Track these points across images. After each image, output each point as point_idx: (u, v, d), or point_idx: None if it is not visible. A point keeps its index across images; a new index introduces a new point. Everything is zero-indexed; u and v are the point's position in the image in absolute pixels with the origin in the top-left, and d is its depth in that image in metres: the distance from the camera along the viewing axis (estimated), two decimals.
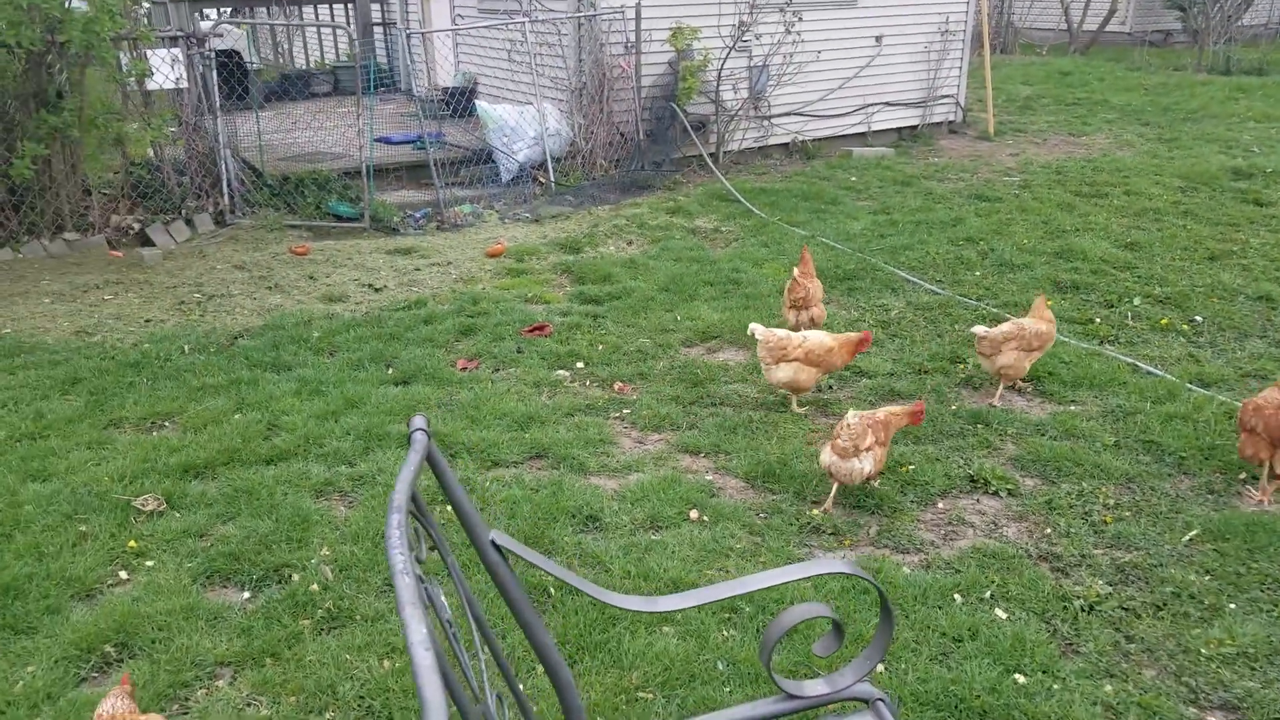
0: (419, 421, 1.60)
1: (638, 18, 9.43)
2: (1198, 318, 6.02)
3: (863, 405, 5.04)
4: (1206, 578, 3.59)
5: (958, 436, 4.69)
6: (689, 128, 9.71)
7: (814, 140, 11.11)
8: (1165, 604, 3.46)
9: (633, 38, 9.49)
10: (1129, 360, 5.41)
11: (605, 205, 8.97)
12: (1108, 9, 20.34)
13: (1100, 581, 3.59)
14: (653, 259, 7.39)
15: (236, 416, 4.91)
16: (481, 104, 9.65)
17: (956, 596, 3.49)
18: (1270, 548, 3.72)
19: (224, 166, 8.19)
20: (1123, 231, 7.69)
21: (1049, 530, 3.94)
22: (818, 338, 4.87)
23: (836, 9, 10.84)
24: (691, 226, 8.33)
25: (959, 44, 11.85)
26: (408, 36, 10.15)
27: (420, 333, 6.00)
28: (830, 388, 5.28)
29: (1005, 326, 4.97)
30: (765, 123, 10.76)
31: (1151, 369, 5.31)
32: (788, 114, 10.87)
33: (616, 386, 5.28)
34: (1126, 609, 3.45)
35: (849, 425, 3.97)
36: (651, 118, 9.86)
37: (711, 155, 10.20)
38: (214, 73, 8.17)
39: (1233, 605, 3.43)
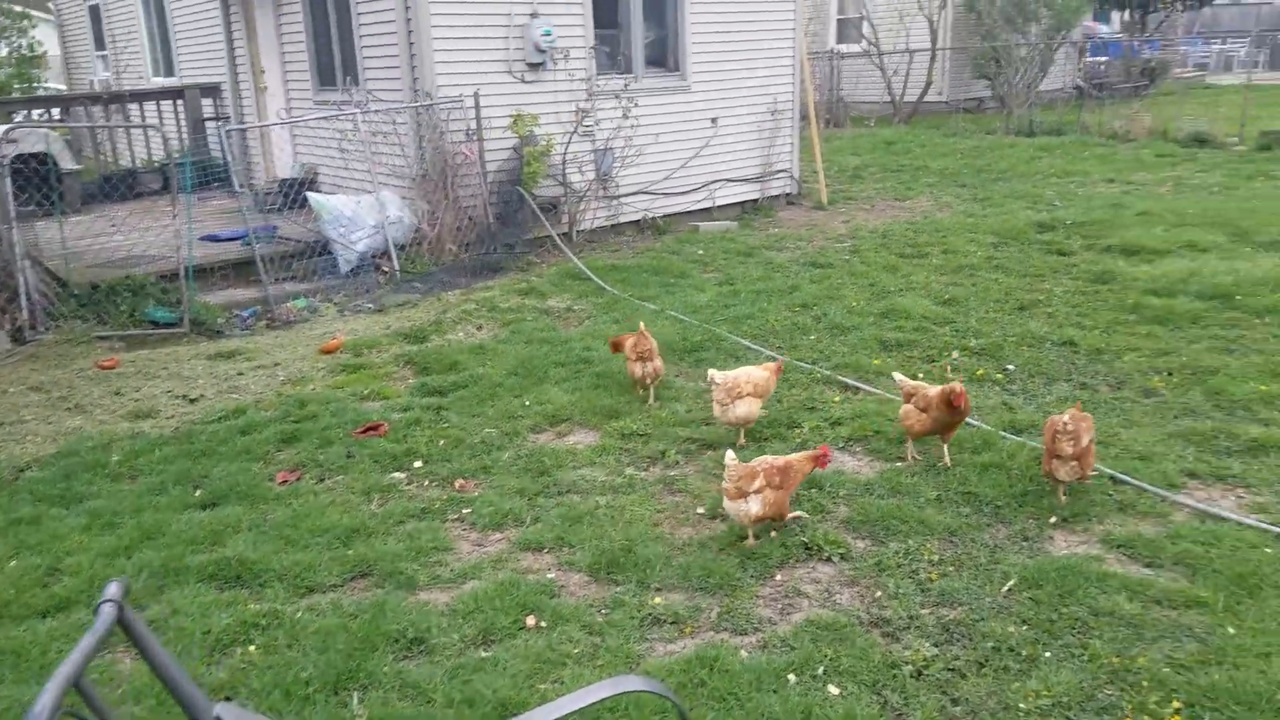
0: (113, 590, 1.43)
1: (476, 106, 9.57)
2: (1010, 366, 6.43)
3: (707, 478, 5.13)
4: (1024, 628, 3.77)
5: (793, 503, 4.82)
6: (538, 210, 9.84)
7: (663, 217, 11.45)
8: (987, 660, 3.61)
9: (474, 125, 9.61)
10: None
11: (455, 290, 8.94)
12: (925, 82, 21.92)
13: (927, 644, 3.71)
14: (503, 343, 7.38)
15: (12, 564, 4.51)
16: (313, 195, 9.52)
17: (791, 677, 3.54)
18: (1079, 590, 3.94)
19: (22, 279, 7.69)
20: (941, 289, 8.19)
21: (879, 593, 4.07)
22: (758, 372, 5.45)
23: (671, 94, 11.31)
24: (544, 307, 8.39)
25: (789, 121, 12.52)
26: (228, 132, 9.94)
27: (236, 445, 5.72)
28: (678, 463, 5.35)
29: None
30: (615, 202, 11.03)
31: (970, 421, 5.61)
32: (636, 193, 11.19)
33: (457, 484, 5.19)
34: (952, 669, 3.57)
35: (727, 466, 4.33)
36: (499, 201, 9.95)
37: (564, 235, 10.35)
38: (6, 180, 7.75)
39: (1048, 654, 3.61)
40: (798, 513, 4.63)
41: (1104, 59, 24.45)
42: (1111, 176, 13.13)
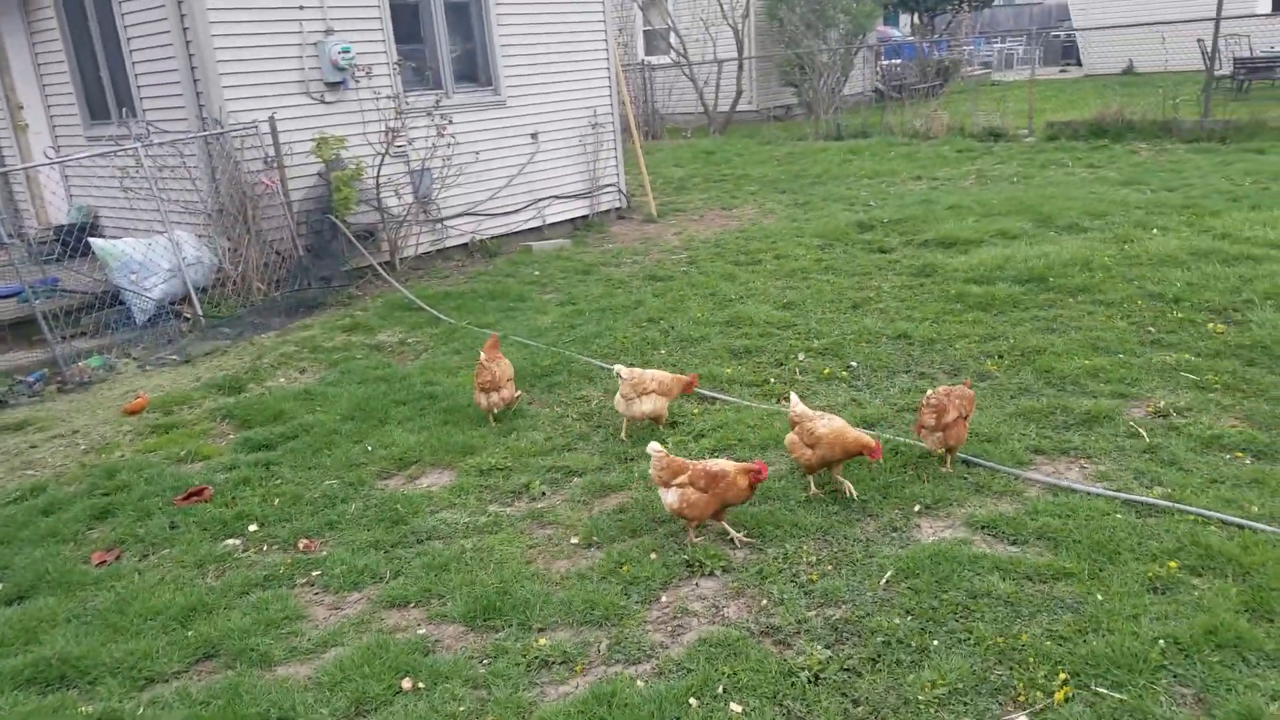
0: None
1: (274, 131, 8.98)
2: (853, 363, 6.58)
3: (576, 506, 4.92)
4: (909, 619, 3.78)
5: (670, 521, 4.68)
6: (354, 239, 9.33)
7: (493, 238, 11.15)
8: (879, 655, 3.59)
9: (272, 152, 9.00)
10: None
11: (270, 332, 8.31)
12: (735, 91, 22.66)
13: (819, 646, 3.66)
14: (332, 385, 6.89)
15: None
16: (97, 241, 8.64)
17: (692, 701, 3.39)
18: (954, 575, 4.00)
19: None
20: (779, 293, 8.34)
21: (765, 601, 3.99)
22: (664, 373, 5.73)
23: (486, 110, 11.05)
24: (374, 343, 7.92)
25: (610, 134, 12.53)
26: None
27: (39, 527, 5.05)
28: (544, 494, 5.10)
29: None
30: (438, 225, 10.64)
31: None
32: (460, 215, 10.84)
33: (301, 544, 4.74)
34: (847, 669, 3.53)
35: (653, 455, 4.47)
36: (310, 232, 9.37)
37: (386, 264, 9.87)
38: None
39: (935, 642, 3.63)
40: (735, 533, 4.46)
41: (899, 61, 26.09)
42: (919, 174, 13.91)
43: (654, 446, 4.54)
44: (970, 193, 11.97)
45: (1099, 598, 3.76)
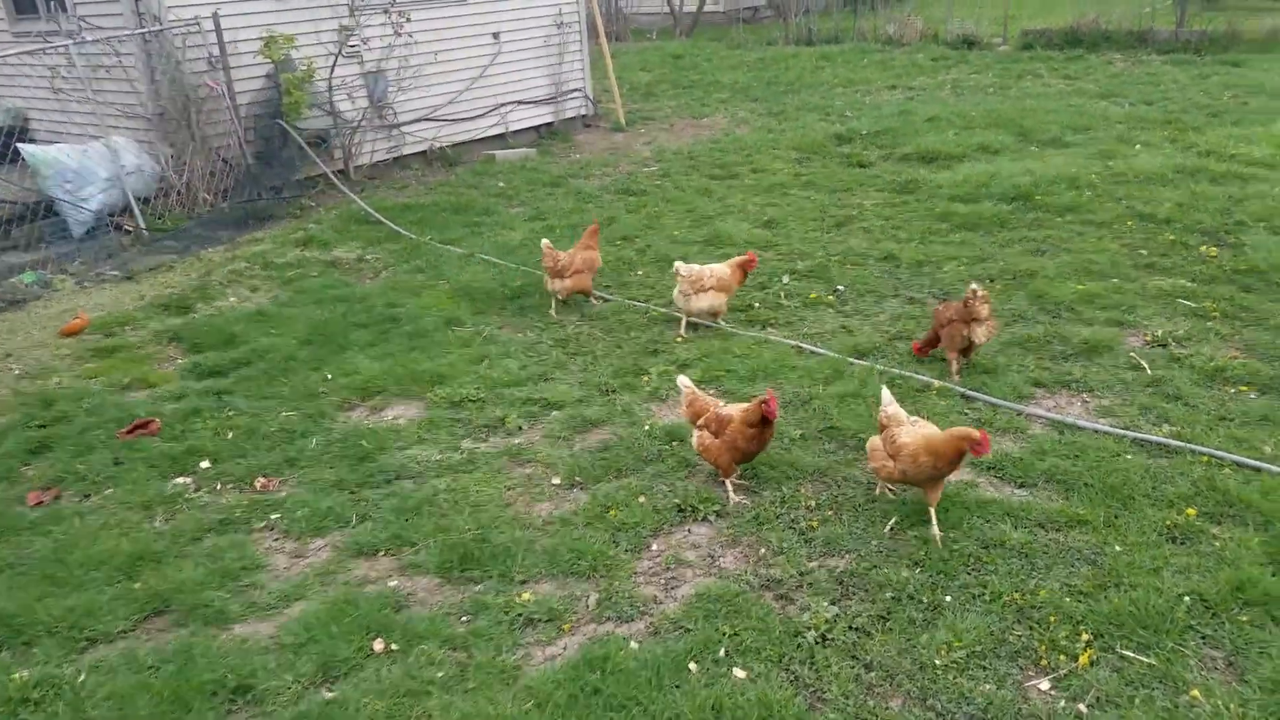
0: None
1: (218, 29, 8.21)
2: (840, 288, 6.28)
3: (556, 442, 4.60)
4: (917, 571, 3.56)
5: (657, 460, 4.40)
6: (305, 145, 8.67)
7: (452, 146, 10.52)
8: (890, 613, 3.37)
9: (216, 52, 8.25)
10: (793, 343, 5.47)
11: (218, 246, 7.73)
12: None
13: (824, 602, 3.43)
14: (287, 306, 6.41)
15: None
16: (27, 148, 7.91)
17: (692, 666, 3.15)
18: (963, 523, 3.78)
19: None
20: (758, 210, 7.95)
21: (763, 550, 3.75)
22: (722, 268, 5.58)
23: (446, 6, 10.28)
24: (329, 259, 7.41)
25: (576, 36, 11.80)
26: None
27: None
28: (520, 429, 4.77)
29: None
30: (396, 132, 9.98)
31: (815, 348, 5.39)
32: (418, 120, 10.17)
33: (258, 483, 4.37)
34: (856, 629, 3.31)
35: (681, 391, 4.29)
36: (259, 139, 8.69)
37: (340, 173, 9.25)
38: None
39: (948, 598, 3.42)
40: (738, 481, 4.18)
41: None
42: (893, 83, 13.42)
43: (683, 381, 4.30)
44: (948, 104, 11.55)
45: (1117, 548, 3.57)
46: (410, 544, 3.89)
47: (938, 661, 3.13)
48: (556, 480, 4.30)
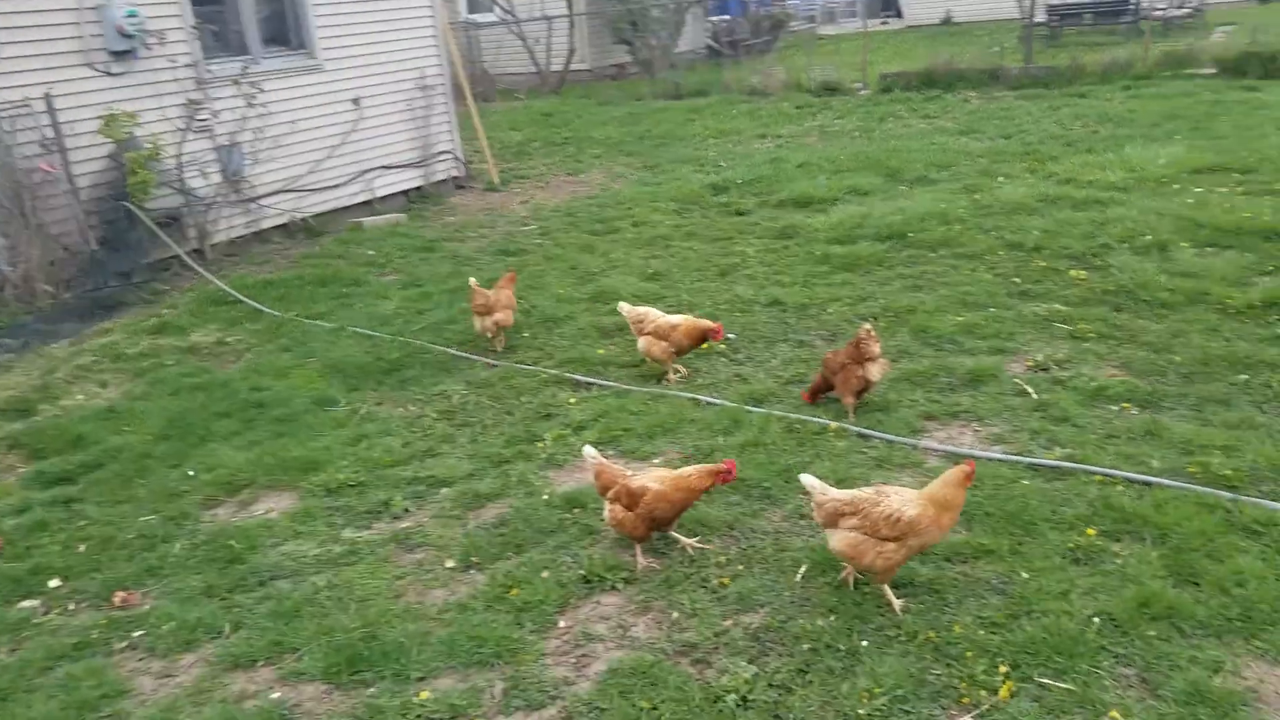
0: None
1: (50, 110, 7.69)
2: (731, 335, 6.24)
3: (448, 522, 4.33)
4: (833, 619, 3.45)
5: (558, 530, 4.19)
6: (154, 226, 8.17)
7: (316, 216, 10.14)
8: (809, 665, 3.24)
9: (50, 134, 7.73)
10: (689, 396, 5.37)
11: (62, 341, 7.11)
12: (567, 50, 21.93)
13: (742, 662, 3.28)
14: (141, 400, 5.92)
15: None
16: None
17: None
18: None
19: None
20: (643, 263, 7.91)
21: (676, 614, 3.58)
22: (668, 319, 5.47)
23: (301, 75, 10.00)
24: (186, 345, 6.91)
25: (441, 97, 11.66)
26: None
27: None
28: (407, 511, 4.47)
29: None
30: (253, 205, 9.55)
31: (711, 399, 5.30)
32: (278, 192, 9.78)
33: (118, 598, 3.94)
34: (775, 686, 3.17)
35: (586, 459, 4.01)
36: (102, 223, 8.14)
37: (195, 252, 8.77)
38: None
39: (865, 642, 3.31)
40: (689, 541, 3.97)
41: (726, 17, 26.02)
42: (762, 132, 13.77)
43: (589, 452, 4.05)
44: (816, 150, 11.90)
45: (1024, 575, 3.55)
46: (292, 650, 3.54)
47: (860, 711, 3.01)
48: (450, 563, 4.02)
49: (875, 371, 4.81)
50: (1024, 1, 17.60)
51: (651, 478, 3.88)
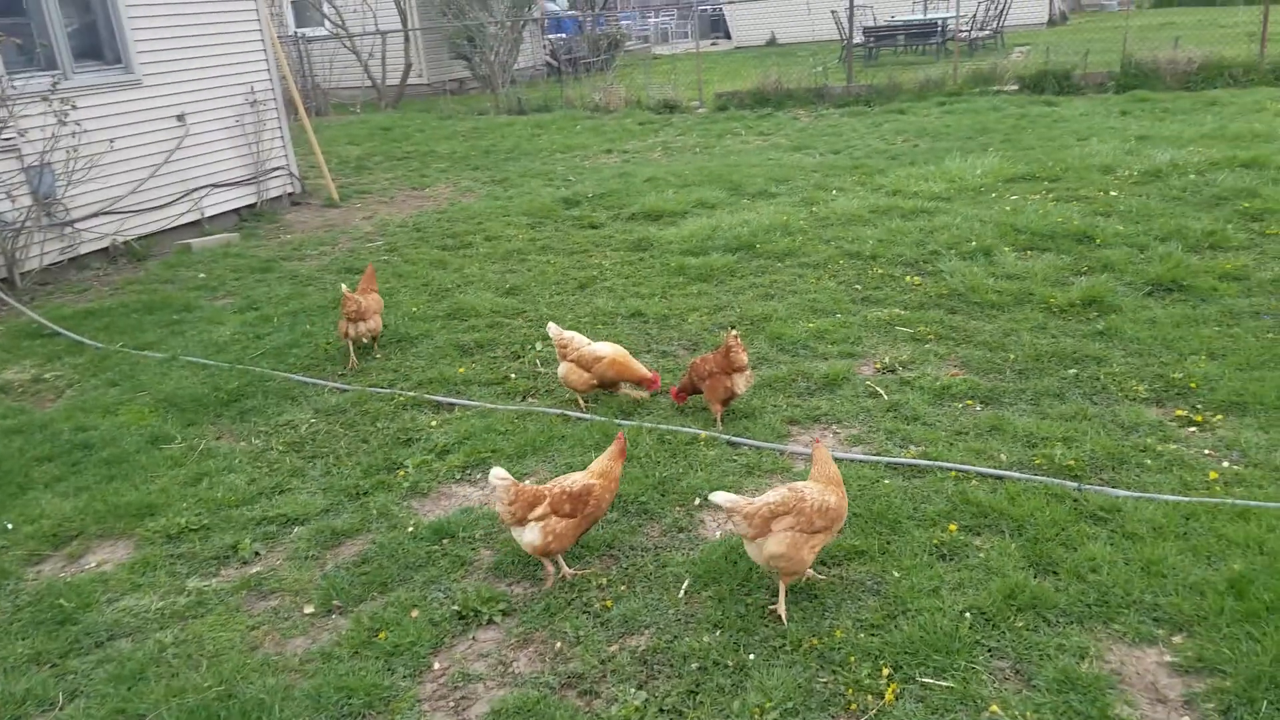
0: None
1: None
2: None
3: (304, 563, 4.05)
4: (719, 634, 3.43)
5: (426, 565, 3.99)
6: None
7: (140, 239, 9.42)
8: (698, 685, 3.20)
9: None
10: (558, 412, 5.27)
11: None
12: (404, 64, 21.39)
13: (631, 688, 3.20)
14: None
15: None
16: None
17: None
18: (752, 574, 3.71)
19: None
20: (499, 278, 7.74)
21: (559, 644, 3.47)
22: (595, 347, 5.21)
23: (119, 90, 9.29)
24: None
25: (273, 112, 11.09)
26: None
27: None
28: (257, 555, 4.15)
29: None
30: (69, 229, 8.76)
31: (579, 414, 5.22)
32: (97, 214, 9.01)
33: None
34: (666, 710, 3.11)
35: (495, 485, 3.65)
36: None
37: (3, 281, 7.94)
38: None
39: (752, 656, 3.30)
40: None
41: (562, 35, 26.09)
42: (608, 148, 13.82)
43: (497, 473, 3.66)
44: (662, 165, 12.05)
45: (895, 574, 3.64)
46: (138, 717, 3.20)
47: None
48: (310, 609, 3.76)
49: (742, 383, 4.87)
50: (843, 24, 18.54)
51: (577, 479, 3.76)
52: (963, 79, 16.25)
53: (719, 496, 3.48)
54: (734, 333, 4.84)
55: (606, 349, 5.26)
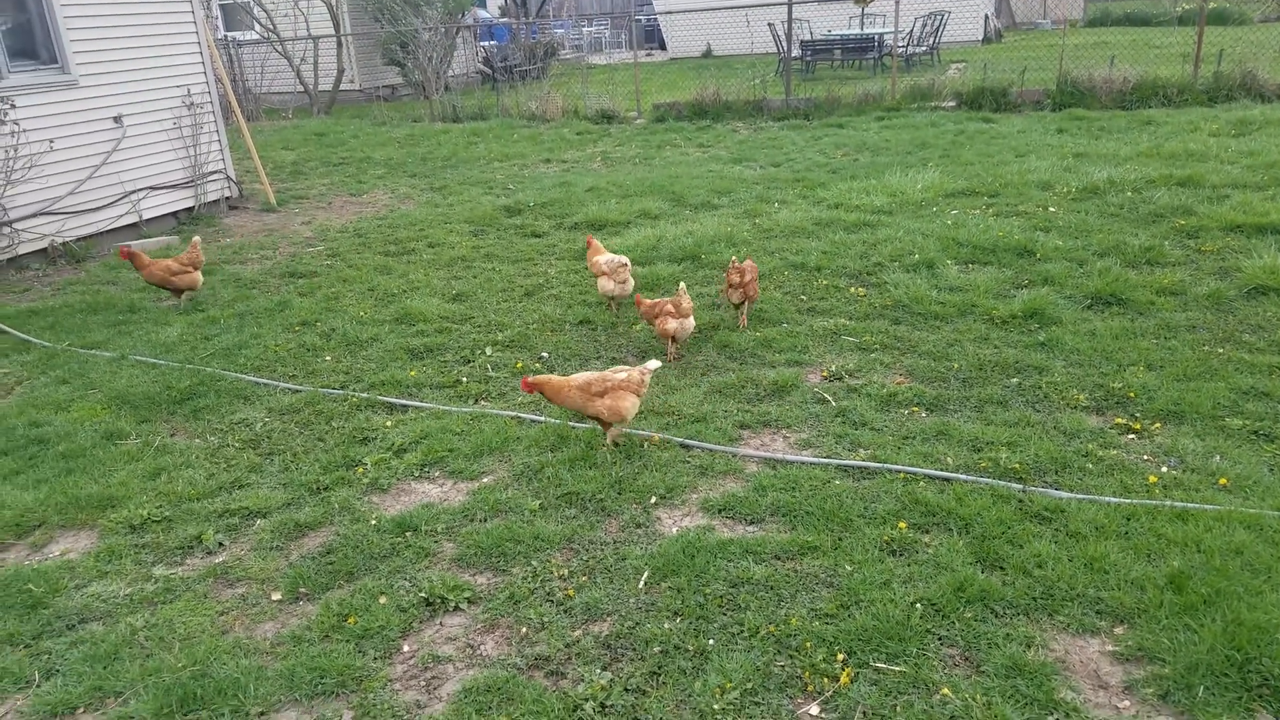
0: None
1: None
2: (544, 354, 6.32)
3: (269, 553, 4.09)
4: (679, 621, 3.60)
5: (391, 555, 4.08)
6: None
7: (79, 240, 9.23)
8: (661, 667, 3.37)
9: None
10: (511, 414, 5.39)
11: None
12: (336, 70, 21.18)
13: (596, 669, 3.35)
14: None
15: None
16: None
17: None
18: (710, 567, 3.89)
19: None
20: (444, 284, 7.81)
21: (524, 629, 3.60)
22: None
23: (55, 91, 9.12)
24: None
25: (209, 115, 10.96)
26: None
27: None
28: (221, 545, 4.18)
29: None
30: (7, 230, 8.55)
31: (534, 416, 5.35)
32: (36, 215, 8.80)
33: None
34: (631, 689, 3.26)
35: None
36: None
37: None
38: None
39: (711, 641, 3.47)
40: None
41: (494, 43, 26.05)
42: (547, 157, 13.95)
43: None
44: (602, 175, 12.23)
45: (848, 568, 3.85)
46: (115, 694, 3.23)
47: (716, 706, 3.16)
48: (277, 596, 3.82)
49: (673, 325, 5.76)
50: (780, 38, 18.89)
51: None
52: (901, 94, 16.29)
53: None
54: (682, 286, 5.66)
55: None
